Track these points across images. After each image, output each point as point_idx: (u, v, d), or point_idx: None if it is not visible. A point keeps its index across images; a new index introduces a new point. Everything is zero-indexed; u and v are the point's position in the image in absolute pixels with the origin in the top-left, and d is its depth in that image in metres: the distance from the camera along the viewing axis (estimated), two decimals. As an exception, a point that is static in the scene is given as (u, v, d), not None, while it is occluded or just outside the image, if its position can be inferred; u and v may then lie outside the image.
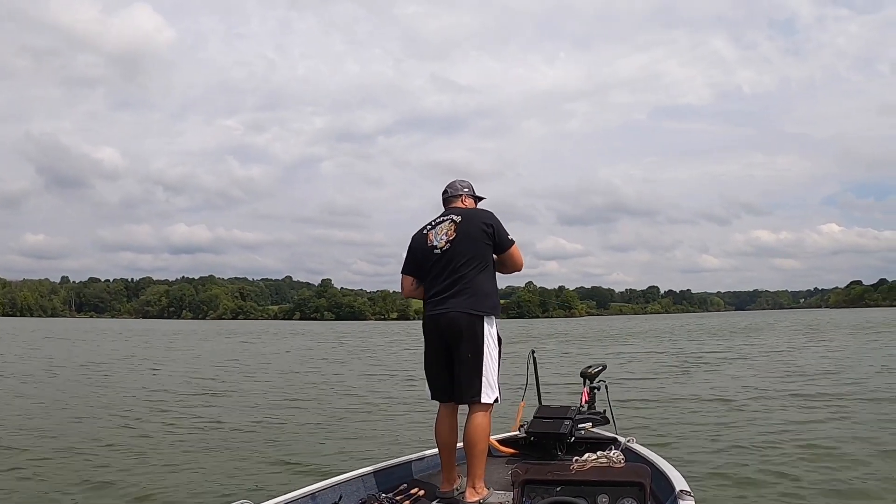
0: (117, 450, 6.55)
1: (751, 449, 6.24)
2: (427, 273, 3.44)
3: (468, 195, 3.63)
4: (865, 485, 4.98)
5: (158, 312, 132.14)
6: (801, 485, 5.04)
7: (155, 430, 7.68)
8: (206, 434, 7.50)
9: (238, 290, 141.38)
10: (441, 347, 3.34)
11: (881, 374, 12.31)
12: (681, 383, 12.05)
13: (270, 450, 6.62)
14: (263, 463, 6.10)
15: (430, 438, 3.47)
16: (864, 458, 5.74)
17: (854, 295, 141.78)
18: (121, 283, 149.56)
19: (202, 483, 5.37)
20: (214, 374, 15.16)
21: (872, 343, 21.63)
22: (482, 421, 3.22)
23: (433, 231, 3.45)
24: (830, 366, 14.12)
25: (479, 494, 3.18)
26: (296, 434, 7.49)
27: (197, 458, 6.26)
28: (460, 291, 3.29)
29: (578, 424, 4.08)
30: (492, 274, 3.41)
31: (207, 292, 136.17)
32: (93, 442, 6.94)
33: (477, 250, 3.34)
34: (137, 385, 12.49)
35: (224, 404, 9.99)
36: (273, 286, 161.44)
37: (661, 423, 7.75)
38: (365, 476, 3.43)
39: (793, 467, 5.53)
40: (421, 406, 8.78)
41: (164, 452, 6.49)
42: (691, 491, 2.81)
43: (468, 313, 3.26)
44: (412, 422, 8.15)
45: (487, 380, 3.24)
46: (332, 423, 8.31)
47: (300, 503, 3.02)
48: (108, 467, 5.83)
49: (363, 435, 7.47)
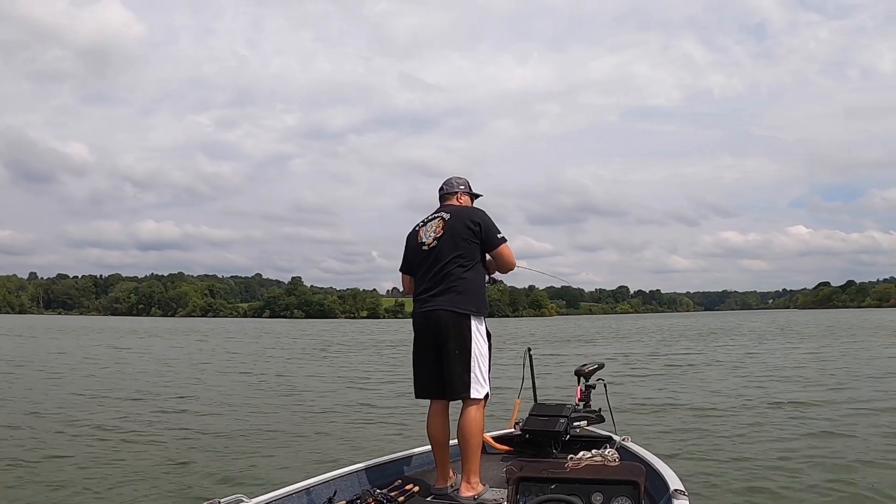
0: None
1: (751, 449, 6.28)
2: (416, 270, 3.47)
3: (464, 192, 3.63)
4: (863, 486, 5.00)
5: (127, 310, 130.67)
6: (799, 485, 5.06)
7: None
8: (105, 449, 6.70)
9: (208, 288, 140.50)
10: (430, 345, 3.34)
11: (871, 378, 12.35)
12: (678, 384, 12.08)
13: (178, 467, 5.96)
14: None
15: (412, 436, 3.46)
16: (862, 460, 5.77)
17: (822, 296, 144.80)
18: (89, 279, 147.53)
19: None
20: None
21: (861, 346, 21.65)
22: (475, 416, 3.23)
23: (423, 228, 3.48)
24: (816, 370, 14.11)
25: (473, 489, 3.19)
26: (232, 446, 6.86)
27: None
28: (447, 289, 3.30)
29: (574, 423, 4.09)
30: (480, 271, 3.41)
31: (177, 289, 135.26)
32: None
33: (464, 248, 3.33)
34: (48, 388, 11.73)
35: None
36: (243, 283, 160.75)
37: (657, 423, 7.79)
38: (359, 472, 3.43)
39: (792, 467, 5.56)
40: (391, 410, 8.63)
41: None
42: (686, 490, 2.81)
43: (454, 311, 3.27)
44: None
45: (476, 375, 3.25)
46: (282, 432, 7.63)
47: (294, 498, 3.02)
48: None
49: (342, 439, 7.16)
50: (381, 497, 3.11)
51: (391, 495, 3.14)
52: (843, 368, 14.00)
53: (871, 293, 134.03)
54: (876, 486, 4.96)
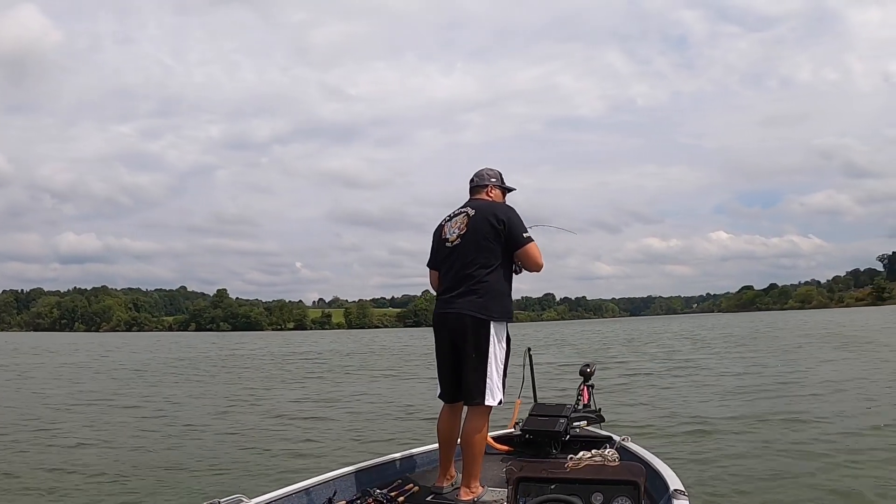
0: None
1: (748, 450, 6.28)
2: (441, 267, 3.34)
3: (495, 185, 3.42)
4: (862, 487, 4.99)
5: (50, 325, 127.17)
6: (796, 484, 5.06)
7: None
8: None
9: (132, 301, 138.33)
10: (448, 346, 3.27)
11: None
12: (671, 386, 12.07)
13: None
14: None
15: (415, 438, 3.45)
16: (859, 461, 5.75)
17: (745, 299, 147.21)
18: (10, 294, 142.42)
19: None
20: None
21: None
22: (480, 424, 3.16)
23: (449, 224, 3.34)
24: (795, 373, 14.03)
25: (472, 493, 3.17)
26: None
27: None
28: (468, 291, 3.17)
29: (573, 423, 4.09)
30: (504, 273, 3.23)
31: (101, 304, 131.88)
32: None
33: (486, 247, 3.17)
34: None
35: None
36: (167, 297, 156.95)
37: (651, 423, 7.78)
38: (359, 471, 3.42)
39: (789, 468, 5.55)
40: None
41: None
42: (686, 490, 2.81)
43: (474, 316, 3.14)
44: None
45: (492, 381, 3.16)
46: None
47: (294, 498, 3.01)
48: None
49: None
50: (381, 497, 3.11)
51: (391, 495, 3.14)
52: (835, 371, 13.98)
53: (794, 296, 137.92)
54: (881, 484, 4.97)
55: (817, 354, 17.56)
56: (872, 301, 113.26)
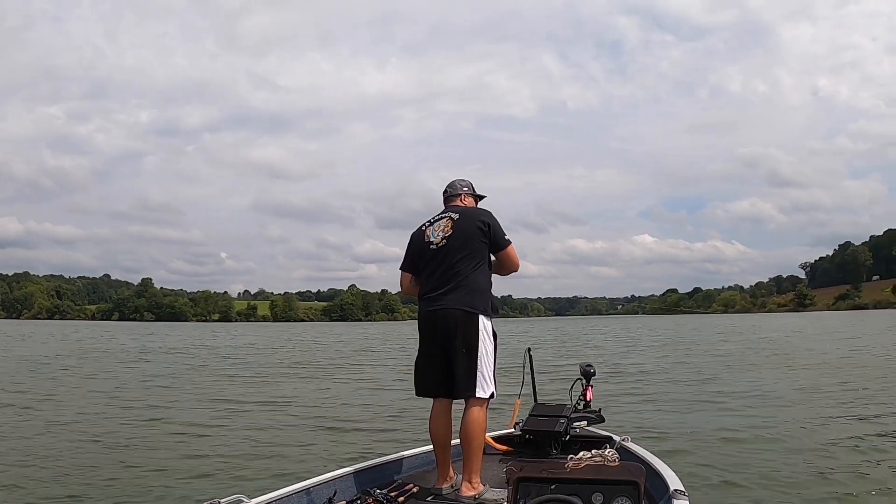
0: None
1: (747, 450, 6.27)
2: (423, 269, 3.48)
3: (468, 194, 3.67)
4: (861, 487, 4.99)
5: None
6: (794, 485, 5.05)
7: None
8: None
9: (54, 289, 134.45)
10: (436, 343, 3.35)
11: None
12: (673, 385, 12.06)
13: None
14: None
15: (408, 438, 3.43)
16: (857, 461, 5.76)
17: (670, 302, 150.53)
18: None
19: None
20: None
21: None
22: (478, 416, 3.23)
23: (430, 228, 3.49)
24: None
25: (474, 489, 3.19)
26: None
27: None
28: (455, 288, 3.32)
29: (573, 423, 4.10)
30: (487, 271, 3.44)
31: (22, 290, 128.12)
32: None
33: (473, 248, 3.37)
34: None
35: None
36: (91, 285, 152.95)
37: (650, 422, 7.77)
38: (359, 472, 3.43)
39: (787, 467, 5.55)
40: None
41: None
42: (686, 490, 2.81)
43: (463, 310, 3.29)
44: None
45: (483, 375, 3.26)
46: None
47: (294, 498, 3.02)
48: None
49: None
50: (381, 497, 3.11)
51: (391, 495, 3.14)
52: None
53: (718, 300, 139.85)
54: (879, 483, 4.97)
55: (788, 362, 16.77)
56: (794, 307, 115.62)
